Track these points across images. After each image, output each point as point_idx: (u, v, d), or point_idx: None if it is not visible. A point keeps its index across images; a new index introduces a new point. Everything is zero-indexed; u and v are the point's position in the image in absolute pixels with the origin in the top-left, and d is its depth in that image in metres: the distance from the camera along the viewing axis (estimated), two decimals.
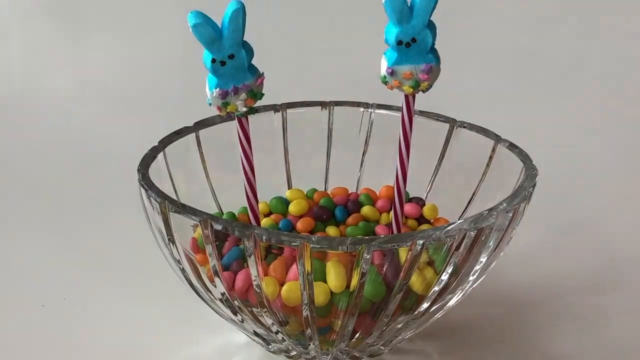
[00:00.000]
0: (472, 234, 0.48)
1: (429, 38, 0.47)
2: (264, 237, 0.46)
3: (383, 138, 0.65)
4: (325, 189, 0.67)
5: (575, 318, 0.63)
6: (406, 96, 0.51)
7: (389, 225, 0.59)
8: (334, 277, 0.48)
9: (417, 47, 0.47)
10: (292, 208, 0.61)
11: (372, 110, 0.66)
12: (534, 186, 0.52)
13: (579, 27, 1.09)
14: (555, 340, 0.60)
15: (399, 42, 0.47)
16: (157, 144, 0.58)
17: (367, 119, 0.66)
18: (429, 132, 0.62)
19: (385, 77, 0.49)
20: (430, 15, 0.47)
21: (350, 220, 0.61)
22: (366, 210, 0.62)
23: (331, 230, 0.60)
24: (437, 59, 0.48)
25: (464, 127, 0.62)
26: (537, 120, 0.99)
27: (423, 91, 0.50)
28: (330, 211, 0.62)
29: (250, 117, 0.52)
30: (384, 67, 0.49)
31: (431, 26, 0.48)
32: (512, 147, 0.58)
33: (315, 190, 0.65)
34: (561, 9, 1.10)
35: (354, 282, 0.47)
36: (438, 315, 0.54)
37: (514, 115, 0.93)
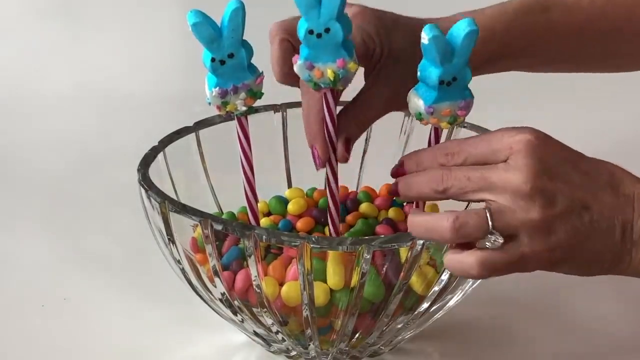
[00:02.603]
0: None
1: (468, 76, 0.46)
2: (264, 237, 0.46)
3: (383, 138, 0.65)
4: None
5: (575, 318, 0.63)
6: (436, 129, 0.50)
7: (389, 223, 0.59)
8: (333, 273, 0.48)
9: (457, 85, 0.46)
10: (291, 207, 0.61)
11: None
12: None
13: None
14: (555, 341, 0.60)
15: (441, 82, 0.46)
16: (157, 144, 0.58)
17: None
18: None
19: (420, 114, 0.47)
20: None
21: (349, 218, 0.61)
22: (365, 207, 0.61)
23: None
24: (471, 93, 0.47)
25: (464, 127, 0.62)
26: (537, 120, 0.98)
27: (458, 125, 0.48)
28: None
29: (250, 117, 0.52)
30: (420, 104, 0.47)
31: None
32: None
33: (315, 189, 0.65)
34: None
35: (354, 281, 0.47)
36: (438, 315, 0.54)
37: (514, 115, 0.93)
